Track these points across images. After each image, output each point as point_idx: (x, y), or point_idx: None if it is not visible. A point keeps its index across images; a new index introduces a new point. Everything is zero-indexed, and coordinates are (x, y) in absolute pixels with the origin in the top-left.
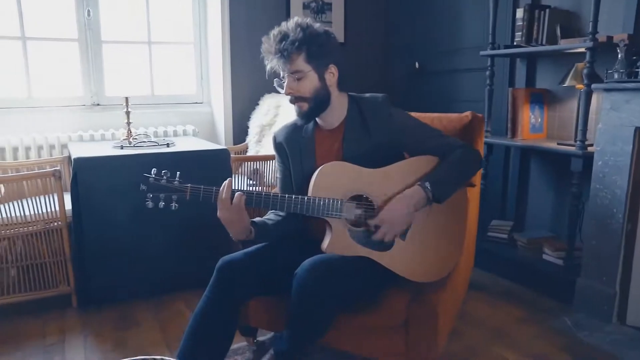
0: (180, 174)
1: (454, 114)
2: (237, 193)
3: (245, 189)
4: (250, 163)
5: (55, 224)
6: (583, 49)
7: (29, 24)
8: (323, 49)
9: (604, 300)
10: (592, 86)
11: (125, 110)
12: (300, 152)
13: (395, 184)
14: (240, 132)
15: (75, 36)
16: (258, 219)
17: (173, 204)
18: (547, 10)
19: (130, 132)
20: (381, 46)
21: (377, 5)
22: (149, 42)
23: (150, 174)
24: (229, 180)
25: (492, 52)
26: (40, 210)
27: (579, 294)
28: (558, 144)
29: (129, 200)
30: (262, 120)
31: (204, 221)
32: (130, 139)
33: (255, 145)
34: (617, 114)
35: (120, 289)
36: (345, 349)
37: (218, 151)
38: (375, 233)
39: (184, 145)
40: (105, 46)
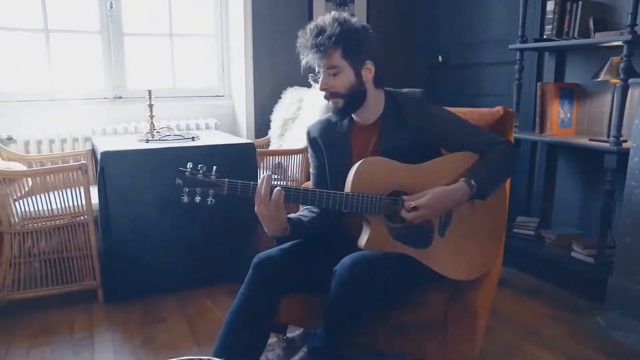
0: (216, 169)
1: (485, 109)
2: (277, 189)
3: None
4: (272, 157)
5: (81, 218)
6: (619, 43)
7: (52, 17)
8: (360, 45)
9: (638, 299)
10: (630, 81)
11: (148, 103)
12: (335, 148)
13: (434, 180)
14: (262, 126)
15: (98, 28)
16: (293, 215)
17: (209, 198)
18: (580, 2)
19: (153, 125)
20: (403, 39)
21: None
22: (171, 35)
23: (186, 168)
24: (268, 175)
25: (522, 46)
26: (67, 204)
27: (611, 292)
28: (590, 139)
29: (155, 194)
30: (285, 114)
31: (231, 215)
32: (154, 133)
33: (278, 139)
34: None
35: (145, 283)
36: (380, 348)
37: (244, 145)
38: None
39: (208, 139)
40: (127, 39)
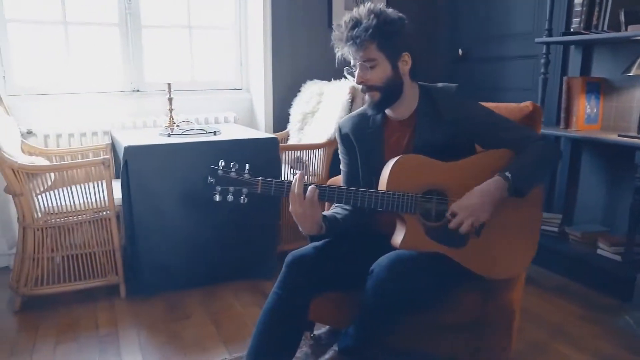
0: (249, 166)
1: (513, 104)
2: (311, 187)
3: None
4: (291, 152)
5: (104, 213)
6: None
7: (70, 9)
8: (397, 37)
9: None
10: None
11: (167, 96)
12: (367, 144)
13: (471, 178)
14: (280, 120)
15: (116, 21)
16: (328, 212)
17: (242, 197)
18: None
19: (173, 119)
20: (423, 32)
21: None
22: (189, 27)
23: (217, 166)
24: (301, 174)
25: (549, 40)
26: (90, 200)
27: None
28: (619, 135)
29: (179, 189)
30: (304, 107)
31: (253, 211)
32: (174, 127)
33: (297, 134)
34: None
35: (168, 278)
36: (412, 348)
37: (267, 140)
38: (450, 222)
39: (230, 133)
40: (144, 31)
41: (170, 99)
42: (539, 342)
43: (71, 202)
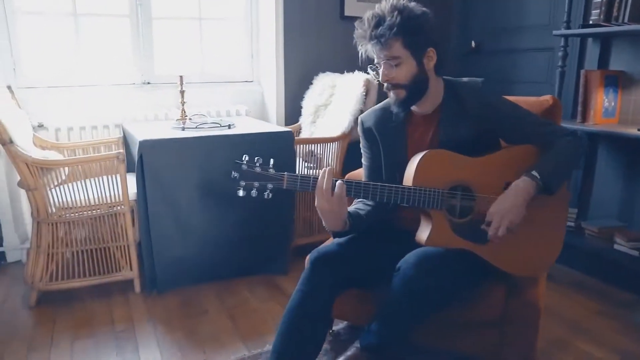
0: (274, 161)
1: (532, 98)
2: (339, 182)
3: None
4: (305, 145)
5: (118, 207)
6: None
7: (80, 0)
8: (421, 33)
9: None
10: None
11: (179, 89)
12: (390, 138)
13: (497, 174)
14: (292, 113)
15: (127, 12)
16: (351, 208)
17: (267, 192)
18: None
19: (184, 112)
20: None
21: None
22: (200, 18)
23: (241, 160)
24: (329, 169)
25: (568, 32)
26: (104, 194)
27: None
28: (639, 129)
29: (194, 183)
30: (317, 100)
31: (269, 206)
32: (187, 120)
33: (310, 127)
34: None
35: (182, 273)
36: (435, 345)
37: (282, 133)
38: (488, 226)
39: (244, 127)
40: (155, 22)
41: (182, 92)
42: (560, 339)
43: (85, 197)
